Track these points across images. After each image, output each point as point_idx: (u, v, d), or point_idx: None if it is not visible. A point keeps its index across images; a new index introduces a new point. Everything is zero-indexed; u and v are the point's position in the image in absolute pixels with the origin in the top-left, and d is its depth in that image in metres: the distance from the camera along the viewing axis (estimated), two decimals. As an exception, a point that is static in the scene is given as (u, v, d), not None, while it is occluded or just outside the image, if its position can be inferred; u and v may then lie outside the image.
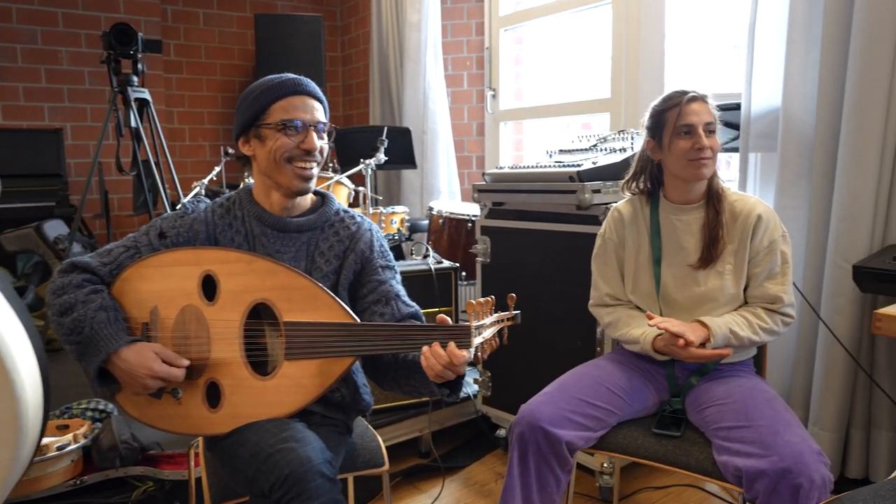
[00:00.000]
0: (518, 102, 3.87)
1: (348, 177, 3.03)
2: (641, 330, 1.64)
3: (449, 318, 1.27)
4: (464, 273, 2.70)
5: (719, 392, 1.58)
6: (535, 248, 2.26)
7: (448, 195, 3.87)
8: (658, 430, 1.60)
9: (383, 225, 2.93)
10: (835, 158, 2.13)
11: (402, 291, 1.51)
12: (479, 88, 3.99)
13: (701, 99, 1.62)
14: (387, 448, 1.61)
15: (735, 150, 2.51)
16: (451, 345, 1.23)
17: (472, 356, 1.25)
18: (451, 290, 2.45)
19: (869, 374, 2.11)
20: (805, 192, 2.26)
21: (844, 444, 2.20)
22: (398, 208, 3.08)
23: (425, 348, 1.26)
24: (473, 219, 2.79)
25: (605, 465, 2.15)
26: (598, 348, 2.07)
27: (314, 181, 1.46)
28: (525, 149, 3.89)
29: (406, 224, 3.08)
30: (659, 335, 1.59)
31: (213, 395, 1.37)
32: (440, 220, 3.01)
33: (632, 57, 2.98)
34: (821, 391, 2.17)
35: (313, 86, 1.46)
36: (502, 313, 1.38)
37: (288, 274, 1.36)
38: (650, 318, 1.54)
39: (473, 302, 1.25)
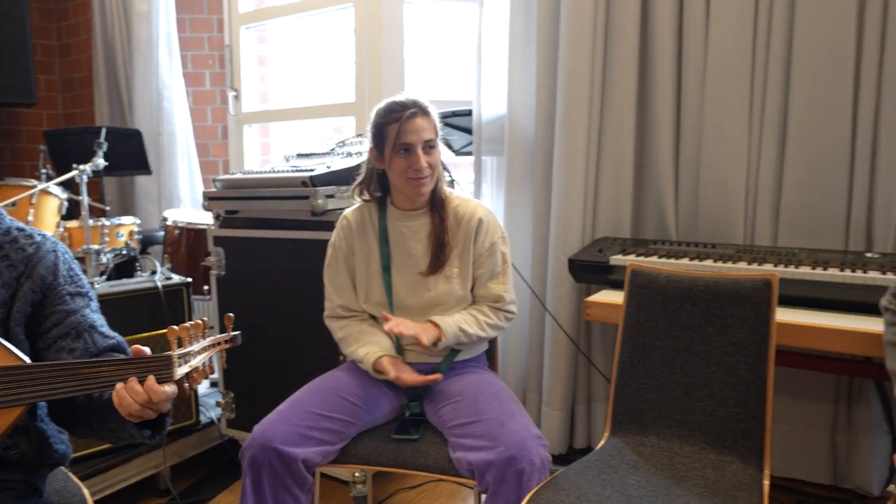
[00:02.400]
0: (264, 104, 3.69)
1: (63, 185, 2.62)
2: (366, 350, 1.64)
3: (148, 349, 1.11)
4: (206, 287, 2.49)
5: (453, 390, 1.63)
6: (273, 258, 2.15)
7: (191, 203, 3.57)
8: (397, 435, 1.60)
9: (107, 239, 2.57)
10: (552, 162, 2.34)
11: (100, 321, 1.30)
12: (222, 88, 3.73)
13: (422, 113, 1.59)
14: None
15: (471, 153, 2.65)
16: (151, 379, 1.08)
17: (177, 389, 1.11)
18: (183, 308, 2.23)
19: (587, 355, 2.36)
20: (529, 193, 2.46)
21: (571, 419, 2.43)
22: (125, 219, 2.74)
23: (119, 385, 1.09)
24: (214, 228, 2.59)
25: (357, 474, 2.11)
26: (342, 357, 2.02)
27: None
28: (273, 153, 3.73)
29: (136, 237, 2.75)
30: (380, 357, 1.60)
31: None
32: (176, 231, 2.74)
33: (374, 61, 2.99)
34: (550, 374, 2.37)
35: None
36: (219, 335, 1.26)
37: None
38: (386, 319, 1.54)
39: (176, 328, 1.11)
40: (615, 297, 1.80)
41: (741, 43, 2.06)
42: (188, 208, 3.50)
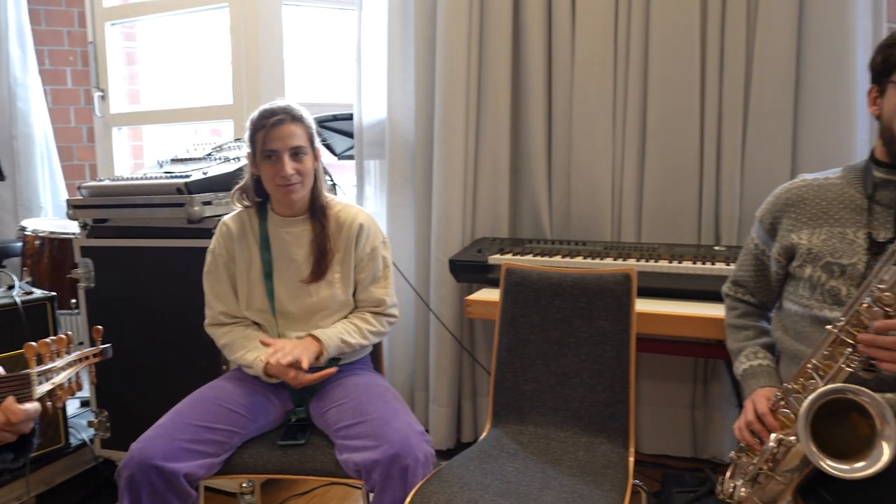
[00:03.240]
0: (135, 106, 3.51)
1: None
2: (255, 355, 1.62)
3: (1, 368, 1.05)
4: (74, 301, 2.34)
5: (338, 393, 1.64)
6: (147, 268, 2.07)
7: (53, 211, 3.32)
8: (282, 441, 1.60)
9: (-47, 252, 2.37)
10: (431, 165, 2.40)
11: None
12: (87, 87, 3.50)
13: (291, 120, 1.58)
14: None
15: (354, 157, 2.66)
16: (9, 399, 1.02)
17: (39, 408, 1.05)
18: (47, 324, 2.09)
19: (471, 353, 2.44)
20: (411, 195, 2.51)
21: (458, 414, 2.51)
22: (-24, 230, 2.52)
23: None
24: (81, 238, 2.43)
25: (244, 484, 2.06)
26: (225, 367, 1.98)
27: None
28: (147, 157, 3.55)
29: (-10, 249, 2.54)
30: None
31: None
32: (37, 242, 2.56)
33: (251, 63, 2.93)
34: (436, 372, 2.43)
35: None
36: (86, 350, 1.20)
37: None
38: (265, 344, 1.55)
39: (34, 344, 1.06)
40: (494, 294, 1.88)
41: (603, 55, 2.22)
42: (50, 217, 3.26)
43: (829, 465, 1.11)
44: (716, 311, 1.67)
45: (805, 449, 1.12)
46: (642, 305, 1.69)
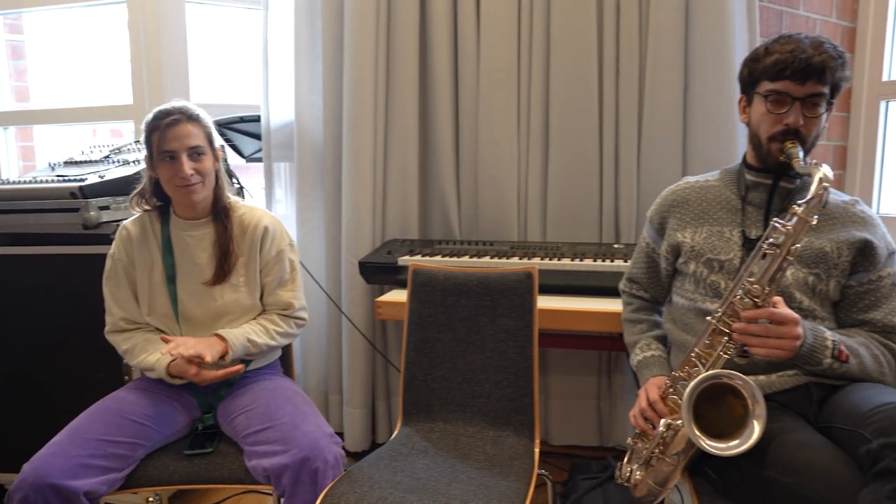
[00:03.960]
0: (23, 104, 3.30)
1: None
2: (157, 356, 1.58)
3: None
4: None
5: (246, 399, 1.62)
6: (40, 276, 1.96)
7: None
8: (189, 450, 1.56)
9: None
10: (341, 167, 2.40)
11: None
12: (-32, 84, 3.27)
13: (188, 120, 1.56)
14: None
15: (261, 159, 2.62)
16: None
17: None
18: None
19: (383, 353, 2.46)
20: (320, 197, 2.50)
21: (372, 415, 2.52)
22: None
23: None
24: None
25: (150, 498, 2.00)
26: (127, 377, 1.91)
27: None
28: (38, 159, 3.35)
29: None
30: (173, 360, 1.55)
31: None
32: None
33: (153, 61, 2.83)
34: (349, 375, 2.44)
35: None
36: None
37: None
38: (165, 341, 1.50)
39: None
40: (403, 296, 1.90)
41: (507, 62, 2.28)
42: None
43: (709, 445, 1.20)
44: (615, 305, 1.76)
45: (688, 431, 1.22)
46: (545, 302, 1.77)
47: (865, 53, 2.59)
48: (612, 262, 1.99)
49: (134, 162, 2.07)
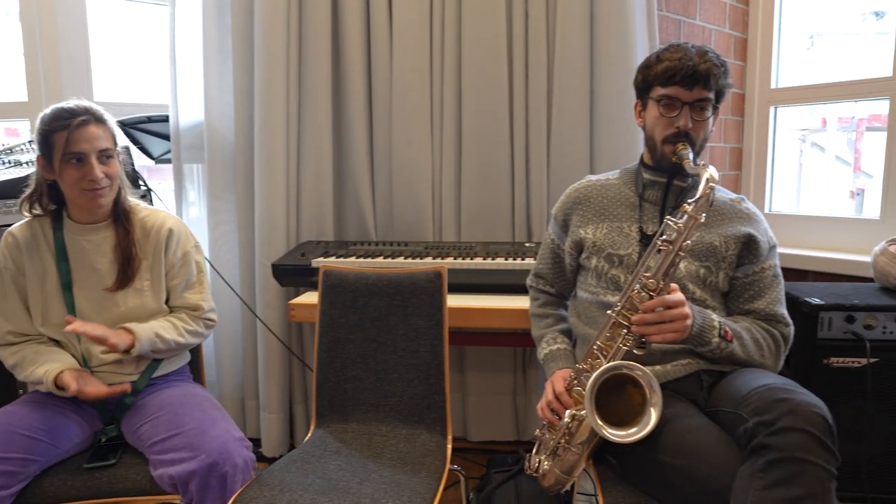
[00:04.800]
0: None
1: None
2: (45, 368, 1.51)
3: None
4: None
5: (153, 407, 1.57)
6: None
7: None
8: (89, 464, 1.50)
9: None
10: (253, 168, 2.36)
11: None
12: None
13: (96, 121, 1.51)
14: None
15: (170, 161, 2.53)
16: None
17: None
18: None
19: (299, 357, 2.43)
20: (233, 199, 2.44)
21: (290, 420, 2.49)
22: None
23: None
24: None
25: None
26: (21, 391, 1.82)
27: None
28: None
29: None
30: (61, 372, 1.50)
31: None
32: None
33: (50, 57, 2.69)
34: (266, 379, 2.39)
35: None
36: None
37: None
38: (69, 321, 1.45)
39: None
40: (316, 298, 1.90)
41: (420, 62, 2.30)
42: None
43: (610, 433, 1.26)
44: (526, 303, 1.81)
45: (591, 421, 1.27)
46: (457, 301, 1.80)
47: (756, 62, 2.77)
48: (523, 260, 2.04)
49: (27, 163, 1.96)
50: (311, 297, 1.99)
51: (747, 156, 2.85)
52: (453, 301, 1.80)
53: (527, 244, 2.25)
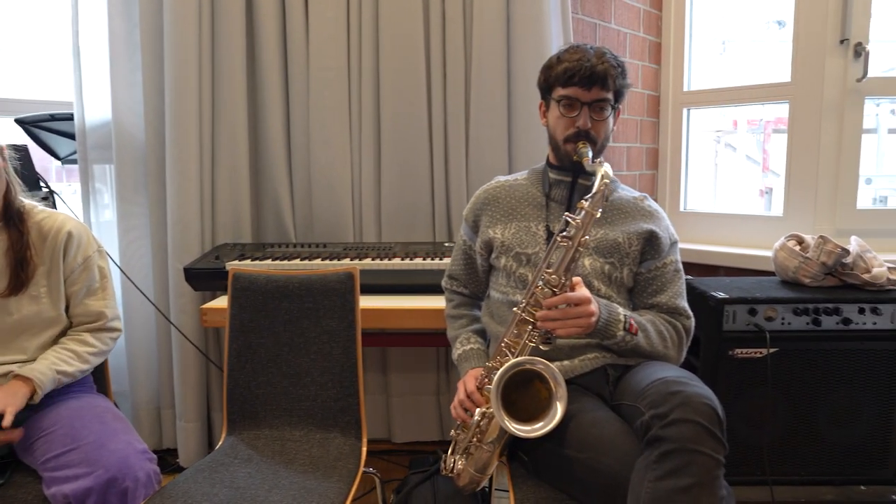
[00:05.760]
0: None
1: None
2: None
3: None
4: None
5: (48, 422, 1.49)
6: None
7: None
8: (-24, 484, 1.41)
9: None
10: (165, 169, 2.27)
11: None
12: None
13: None
14: None
15: (76, 161, 2.42)
16: None
17: None
18: None
19: (216, 363, 2.36)
20: (144, 201, 2.35)
21: (208, 428, 2.41)
22: None
23: None
24: None
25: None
26: None
27: None
28: None
29: None
30: None
31: None
32: None
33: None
34: (182, 387, 2.32)
35: None
36: None
37: None
38: None
39: None
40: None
41: (337, 60, 2.28)
42: None
43: (516, 428, 1.27)
44: (443, 302, 1.81)
45: (498, 418, 1.28)
46: (373, 302, 1.78)
47: (669, 65, 2.86)
48: (442, 259, 2.04)
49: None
50: (223, 302, 1.93)
51: (663, 156, 2.94)
52: (369, 302, 1.78)
53: (446, 244, 2.26)
